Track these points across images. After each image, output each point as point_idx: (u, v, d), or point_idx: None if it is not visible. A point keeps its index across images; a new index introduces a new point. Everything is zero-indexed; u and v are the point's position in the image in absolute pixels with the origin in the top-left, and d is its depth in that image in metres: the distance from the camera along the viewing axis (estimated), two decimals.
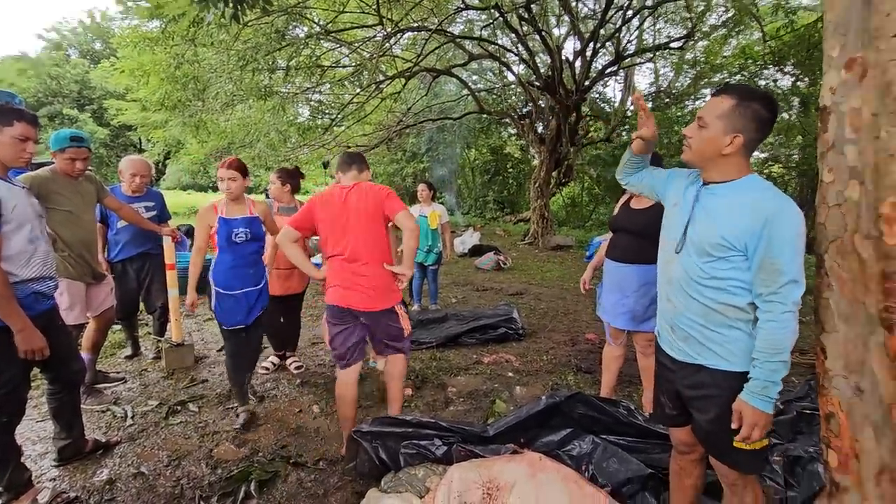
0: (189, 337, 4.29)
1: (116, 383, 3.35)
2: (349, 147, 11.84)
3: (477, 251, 9.76)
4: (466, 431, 2.27)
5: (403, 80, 10.19)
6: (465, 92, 12.97)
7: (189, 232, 9.96)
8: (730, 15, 12.47)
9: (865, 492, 1.38)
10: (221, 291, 2.73)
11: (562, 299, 6.26)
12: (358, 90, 10.11)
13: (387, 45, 8.47)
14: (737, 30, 13.06)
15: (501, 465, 1.90)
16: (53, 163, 2.76)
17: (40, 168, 2.79)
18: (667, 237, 1.58)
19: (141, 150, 20.07)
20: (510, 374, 3.69)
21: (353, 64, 9.51)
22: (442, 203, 18.25)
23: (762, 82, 13.02)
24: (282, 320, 3.58)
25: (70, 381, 2.33)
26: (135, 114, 15.55)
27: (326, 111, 11.82)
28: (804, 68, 10.24)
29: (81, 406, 2.49)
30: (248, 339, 2.86)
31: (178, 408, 3.03)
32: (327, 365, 3.75)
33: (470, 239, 10.47)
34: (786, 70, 11.35)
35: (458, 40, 10.30)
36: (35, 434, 2.66)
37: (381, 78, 9.92)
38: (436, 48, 10.36)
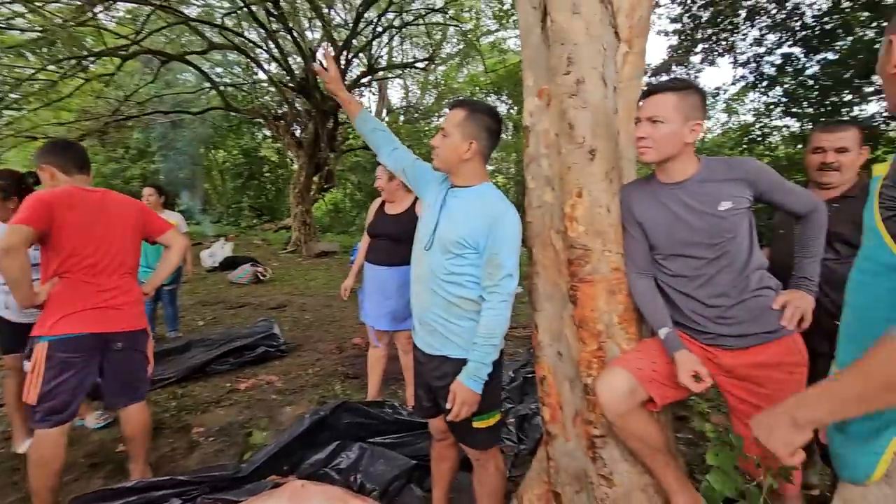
0: None
1: None
2: (37, 139, 8.92)
3: (230, 264, 8.68)
4: (214, 478, 1.92)
5: (117, 61, 8.27)
6: (208, 85, 11.42)
7: None
8: (461, 47, 14.64)
9: (567, 434, 1.72)
10: None
11: (328, 307, 6.13)
12: (47, 64, 7.69)
13: (88, 12, 6.71)
14: (466, 60, 15.40)
15: None
16: None
17: None
18: (420, 236, 1.69)
19: None
20: (273, 396, 3.36)
21: (37, 28, 7.20)
22: (181, 211, 15.70)
23: None
24: None
25: None
26: None
27: None
28: (515, 99, 12.82)
29: None
30: None
31: None
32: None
33: (221, 251, 9.25)
34: (502, 99, 14.02)
35: (193, 24, 8.96)
36: None
37: (84, 53, 7.79)
38: (163, 28, 8.77)
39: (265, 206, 17.92)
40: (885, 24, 0.94)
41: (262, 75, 12.29)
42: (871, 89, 6.48)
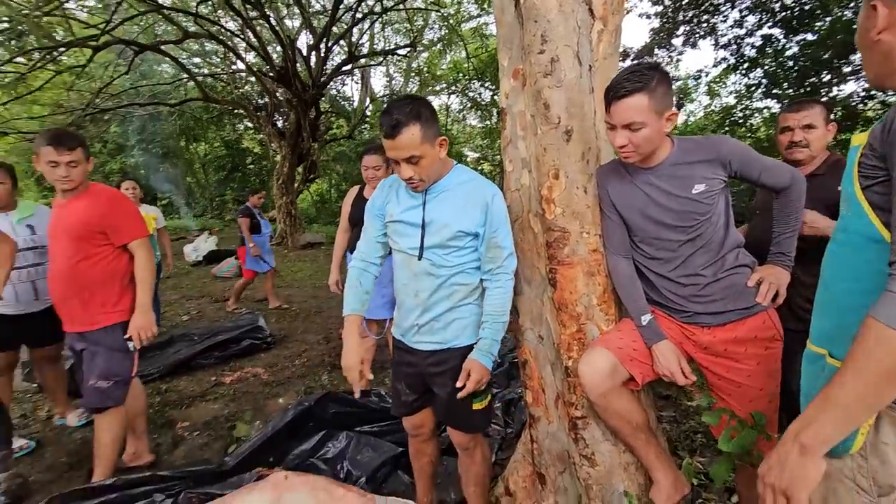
0: None
1: None
2: (5, 133, 8.65)
3: (214, 258, 8.57)
4: (198, 472, 1.90)
5: (89, 52, 8.01)
6: (185, 76, 11.13)
7: None
8: (443, 33, 14.45)
9: (550, 416, 1.73)
10: None
11: (314, 298, 6.08)
12: (14, 56, 7.41)
13: (55, 1, 6.46)
14: (449, 46, 15.21)
15: (241, 500, 1.64)
16: None
17: None
18: (404, 245, 1.58)
19: None
20: (258, 388, 3.33)
21: (3, 18, 6.93)
22: (164, 205, 15.43)
23: (471, 93, 15.64)
24: None
25: None
26: None
27: None
28: (498, 84, 12.75)
29: None
30: None
31: None
32: None
33: (205, 244, 9.11)
34: (486, 85, 13.91)
35: (166, 12, 8.69)
36: None
37: (53, 45, 7.53)
38: (134, 16, 8.50)
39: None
40: (860, 4, 0.92)
41: (240, 65, 12.04)
42: (849, 69, 6.56)
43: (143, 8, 8.10)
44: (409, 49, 12.80)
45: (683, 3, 7.91)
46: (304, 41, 13.93)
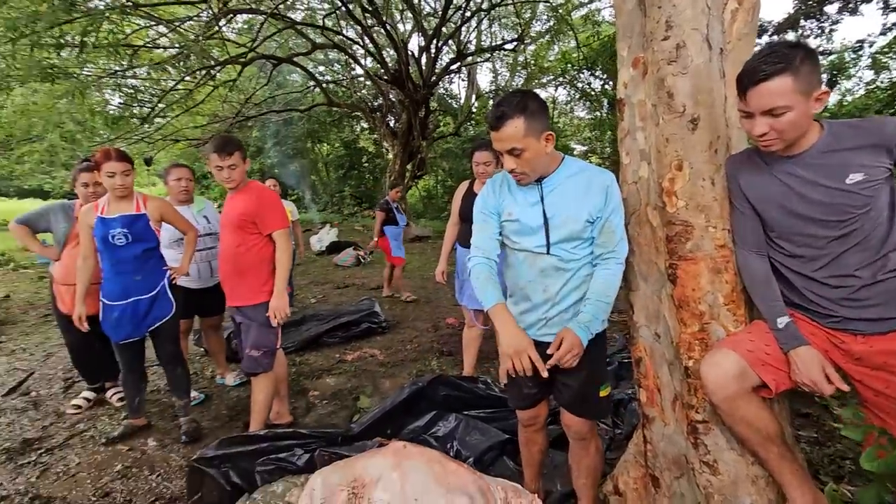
0: None
1: None
2: (177, 141, 10.38)
3: (335, 248, 9.45)
4: (329, 434, 2.17)
5: (238, 67, 9.27)
6: (313, 83, 12.36)
7: None
8: (551, 23, 14.07)
9: (666, 418, 1.67)
10: (105, 302, 2.50)
11: (423, 288, 6.40)
12: (184, 76, 8.88)
13: (215, 26, 7.59)
14: (557, 37, 14.77)
15: (366, 461, 1.84)
16: None
17: None
18: (528, 244, 1.59)
19: None
20: (376, 368, 3.64)
21: (176, 45, 8.33)
22: (295, 200, 17.22)
23: (580, 84, 15.03)
24: (95, 345, 2.97)
25: None
26: None
27: (145, 99, 10.16)
28: (610, 73, 12.07)
29: None
30: (139, 353, 2.66)
31: None
32: (162, 390, 3.24)
33: (327, 236, 10.09)
34: (596, 74, 13.26)
35: (299, 27, 9.72)
36: None
37: (212, 63, 8.87)
38: (274, 34, 9.63)
39: (364, 194, 19.06)
40: None
41: (359, 70, 13.00)
42: None
43: (281, 25, 9.14)
44: (516, 43, 12.71)
45: None
46: (415, 44, 14.56)
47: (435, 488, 1.63)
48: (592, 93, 13.74)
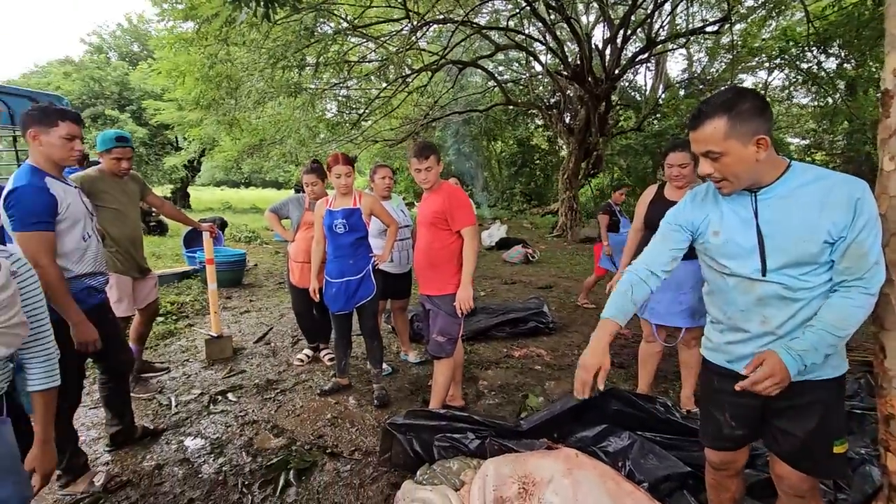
0: (227, 329, 4.43)
1: (161, 373, 3.50)
2: (377, 142, 11.90)
3: (504, 244, 9.71)
4: (500, 426, 2.27)
5: (429, 74, 10.16)
6: (492, 83, 12.85)
7: (222, 224, 10.25)
8: None
9: None
10: (327, 279, 3.03)
11: (592, 293, 6.15)
12: (384, 84, 10.14)
13: (413, 38, 8.46)
14: (777, 10, 12.41)
15: (536, 461, 1.89)
16: (100, 162, 2.88)
17: (94, 166, 2.92)
18: (739, 269, 1.37)
19: (178, 149, 20.66)
20: (540, 368, 3.67)
21: (380, 58, 9.55)
22: (469, 196, 18.16)
23: (804, 65, 12.39)
24: (314, 313, 3.66)
25: (120, 370, 2.45)
26: (171, 113, 16.04)
27: (354, 106, 11.93)
28: (852, 48, 9.67)
29: (130, 394, 2.62)
30: (348, 324, 3.15)
31: (219, 397, 3.14)
32: (360, 357, 3.81)
33: (497, 232, 10.42)
34: (831, 52, 10.76)
35: (485, 31, 10.18)
36: (89, 420, 2.81)
37: (408, 72, 9.92)
38: (462, 40, 10.29)
39: (534, 192, 19.12)
40: None
41: (538, 67, 13.00)
42: None
43: (469, 31, 9.70)
44: (719, 24, 11.07)
45: None
46: (598, 35, 13.88)
47: None
48: (825, 74, 11.18)
